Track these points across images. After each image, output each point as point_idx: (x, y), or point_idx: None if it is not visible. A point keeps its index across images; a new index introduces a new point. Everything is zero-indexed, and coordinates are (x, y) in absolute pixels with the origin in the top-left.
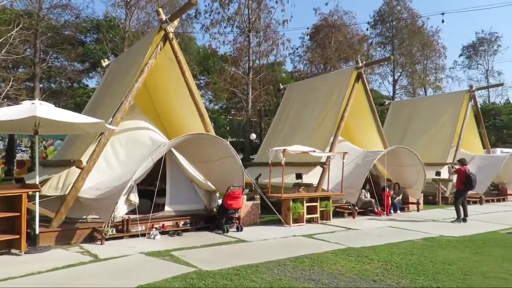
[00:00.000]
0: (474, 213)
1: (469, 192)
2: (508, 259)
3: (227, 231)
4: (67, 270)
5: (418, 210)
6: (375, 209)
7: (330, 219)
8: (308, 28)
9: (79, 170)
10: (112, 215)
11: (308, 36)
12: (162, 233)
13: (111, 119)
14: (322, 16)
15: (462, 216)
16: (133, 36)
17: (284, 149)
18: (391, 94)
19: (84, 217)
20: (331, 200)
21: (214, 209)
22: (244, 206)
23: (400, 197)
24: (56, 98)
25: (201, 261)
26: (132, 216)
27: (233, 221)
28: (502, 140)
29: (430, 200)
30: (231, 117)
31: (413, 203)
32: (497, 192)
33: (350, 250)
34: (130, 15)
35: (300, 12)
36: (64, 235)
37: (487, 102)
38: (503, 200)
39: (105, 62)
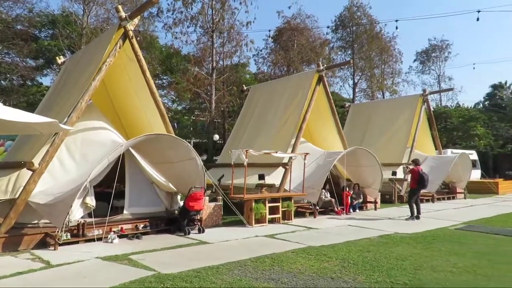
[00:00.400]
0: (427, 210)
1: (422, 191)
2: (455, 254)
3: (189, 233)
4: (15, 278)
5: (375, 208)
6: (335, 208)
7: (291, 219)
8: (270, 31)
9: (31, 172)
10: (66, 219)
11: (272, 39)
12: (120, 236)
13: (66, 118)
14: (285, 19)
15: (416, 213)
16: (91, 33)
17: (247, 150)
18: (351, 96)
19: (36, 221)
20: (293, 200)
21: (176, 211)
22: (206, 207)
23: (361, 199)
24: (6, 96)
25: (161, 264)
26: (88, 220)
27: (195, 223)
28: (453, 142)
29: (387, 199)
30: (194, 118)
31: (371, 202)
32: (447, 191)
33: (310, 249)
34: (88, 11)
35: (263, 14)
36: (13, 241)
37: (439, 105)
38: (453, 198)
39: (60, 59)
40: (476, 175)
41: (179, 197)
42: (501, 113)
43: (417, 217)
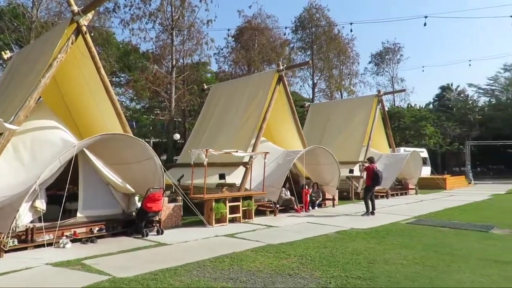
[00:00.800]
0: (381, 206)
1: (377, 188)
2: (406, 247)
3: (147, 235)
4: None
5: (333, 205)
6: (295, 206)
7: (252, 218)
8: (228, 30)
9: None
10: (13, 224)
11: (233, 38)
12: (73, 241)
13: (12, 117)
14: (246, 19)
15: (371, 209)
16: (42, 27)
17: (207, 150)
18: (310, 96)
19: None
20: (253, 199)
21: (133, 213)
22: (165, 208)
23: (321, 197)
24: None
25: (116, 268)
26: (38, 225)
27: (154, 224)
28: (405, 140)
29: (345, 195)
30: (154, 117)
31: (329, 199)
32: (400, 187)
33: (270, 247)
34: (38, 3)
35: (224, 13)
36: None
37: (393, 106)
38: (405, 193)
39: (6, 54)
40: (426, 171)
41: (136, 198)
42: (449, 113)
43: (372, 213)
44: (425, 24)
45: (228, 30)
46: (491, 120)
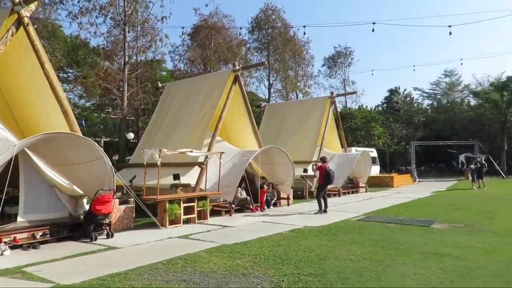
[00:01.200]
0: (333, 204)
1: (329, 186)
2: (355, 243)
3: (95, 239)
4: None
5: (288, 204)
6: (251, 206)
7: (207, 219)
8: (183, 28)
9: None
10: None
11: (189, 36)
12: (13, 247)
13: None
14: (202, 17)
15: (323, 208)
16: None
17: (160, 150)
18: (267, 96)
19: None
20: (208, 200)
21: (81, 216)
22: (116, 210)
23: (276, 197)
24: None
25: (61, 275)
26: None
27: (103, 227)
28: (357, 140)
29: (299, 194)
30: (105, 115)
31: (284, 198)
32: (351, 185)
33: (224, 247)
34: None
35: (180, 10)
36: None
37: (345, 107)
38: (356, 192)
39: None
40: (375, 170)
41: (85, 200)
42: (396, 115)
43: (325, 211)
44: (373, 30)
45: (183, 28)
46: (434, 122)
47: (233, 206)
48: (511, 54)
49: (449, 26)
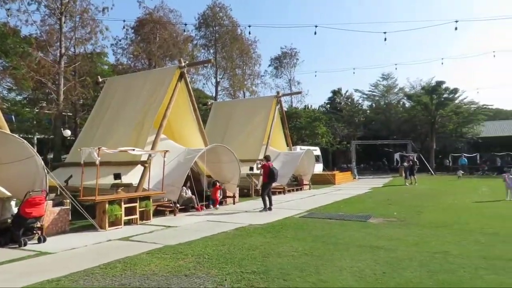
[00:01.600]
0: (278, 202)
1: (274, 184)
2: (298, 239)
3: (25, 244)
4: None
5: (234, 203)
6: (196, 205)
7: (150, 219)
8: (124, 21)
9: None
10: None
11: (132, 29)
12: None
13: None
14: (147, 10)
15: (268, 205)
16: None
17: (99, 148)
18: (214, 94)
19: None
20: (151, 200)
21: (8, 220)
22: (49, 213)
23: (221, 195)
24: None
25: None
26: None
27: (34, 231)
28: (302, 139)
29: (245, 193)
30: (38, 110)
31: (230, 196)
32: (296, 183)
33: (166, 248)
34: None
35: (123, 2)
36: None
37: (291, 106)
38: (301, 189)
39: None
40: (319, 168)
41: (13, 203)
42: (338, 115)
43: (270, 209)
44: (315, 33)
45: (124, 21)
46: (372, 122)
47: (178, 205)
48: (438, 62)
49: (384, 33)
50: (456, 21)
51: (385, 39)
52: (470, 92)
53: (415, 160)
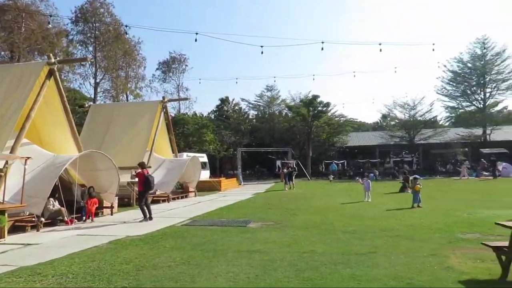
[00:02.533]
0: (161, 210)
1: (158, 192)
2: (177, 248)
3: None
4: None
5: (111, 213)
6: (65, 218)
7: (4, 237)
8: None
9: None
10: None
11: None
12: None
13: None
14: None
15: (148, 215)
16: None
17: None
18: (92, 96)
19: None
20: (6, 214)
21: None
22: None
23: (97, 204)
24: None
25: None
26: None
27: None
28: (189, 146)
29: (126, 202)
30: None
31: (107, 207)
32: (181, 190)
33: (21, 270)
34: None
35: None
36: None
37: (179, 113)
38: (186, 196)
39: None
40: (206, 175)
41: None
42: (226, 123)
43: (150, 218)
44: (196, 40)
45: None
46: (257, 130)
47: (43, 219)
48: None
49: (261, 46)
50: (323, 42)
51: (262, 53)
52: (337, 106)
53: (294, 166)
